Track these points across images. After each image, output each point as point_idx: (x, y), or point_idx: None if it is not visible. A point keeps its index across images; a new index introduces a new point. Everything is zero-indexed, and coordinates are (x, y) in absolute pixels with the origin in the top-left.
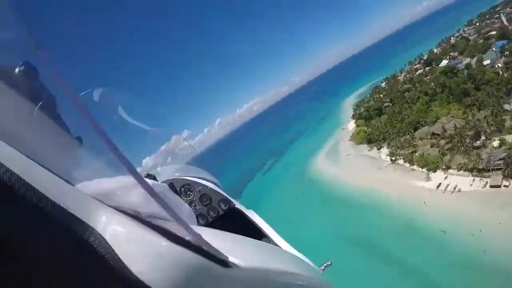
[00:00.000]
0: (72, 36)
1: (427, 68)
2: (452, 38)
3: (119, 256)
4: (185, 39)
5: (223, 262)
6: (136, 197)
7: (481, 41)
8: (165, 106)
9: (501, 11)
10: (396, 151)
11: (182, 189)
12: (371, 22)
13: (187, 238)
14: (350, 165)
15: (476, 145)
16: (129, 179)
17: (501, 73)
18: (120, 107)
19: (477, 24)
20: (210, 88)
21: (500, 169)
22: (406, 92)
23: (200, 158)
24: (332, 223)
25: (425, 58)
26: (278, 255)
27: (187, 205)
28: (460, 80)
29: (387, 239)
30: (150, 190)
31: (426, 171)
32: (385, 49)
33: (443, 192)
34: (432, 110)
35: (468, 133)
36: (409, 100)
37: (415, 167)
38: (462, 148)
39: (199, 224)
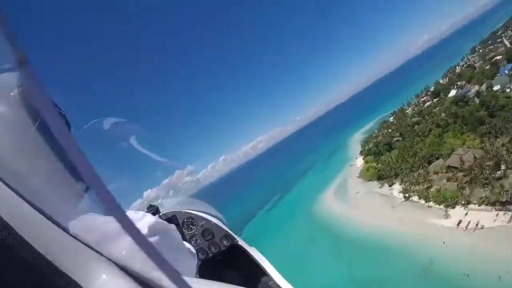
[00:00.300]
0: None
1: (435, 100)
2: (457, 67)
3: None
4: (192, 73)
5: None
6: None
7: (487, 67)
8: (168, 140)
9: (502, 35)
10: (410, 187)
11: (185, 222)
12: (374, 59)
13: None
14: (360, 203)
15: (497, 176)
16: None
17: None
18: (126, 136)
19: (480, 50)
20: (215, 124)
21: None
22: (416, 125)
23: (204, 192)
24: (343, 266)
25: (432, 89)
26: None
27: (187, 244)
28: (473, 108)
29: (404, 283)
30: (143, 243)
31: (444, 208)
32: (390, 84)
33: (465, 230)
34: (445, 142)
35: (488, 163)
36: (420, 133)
37: (431, 203)
38: (482, 180)
39: (198, 258)
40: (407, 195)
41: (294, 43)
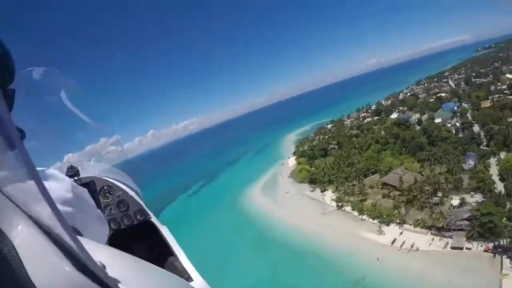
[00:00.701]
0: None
1: (375, 118)
2: (401, 94)
3: (27, 269)
4: (137, 40)
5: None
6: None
7: (431, 100)
8: (98, 105)
9: (449, 76)
10: (344, 196)
11: (102, 189)
12: (321, 67)
13: (86, 263)
14: (289, 203)
15: (433, 201)
16: (48, 185)
17: (454, 132)
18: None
19: (425, 84)
20: (149, 97)
21: (461, 229)
22: (355, 138)
23: (127, 165)
24: (267, 269)
25: (373, 108)
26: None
27: (99, 212)
28: (414, 133)
29: None
30: (56, 211)
31: (378, 224)
32: (331, 94)
33: (399, 250)
34: (383, 159)
35: (426, 188)
36: (358, 146)
37: (365, 217)
38: (419, 203)
39: (110, 228)
40: (339, 204)
41: (244, 32)
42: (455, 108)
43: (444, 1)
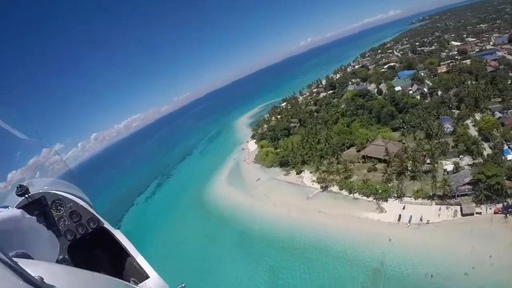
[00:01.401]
0: None
1: (330, 92)
2: (349, 67)
3: None
4: (69, 40)
5: None
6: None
7: (383, 70)
8: (35, 115)
9: (393, 47)
10: (326, 176)
11: (53, 204)
12: (258, 52)
13: (37, 277)
14: (264, 192)
15: (423, 169)
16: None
17: (420, 98)
18: None
19: (370, 56)
20: (87, 100)
21: (465, 194)
22: (316, 113)
23: (73, 174)
24: (269, 278)
25: (323, 82)
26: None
27: (49, 233)
28: (383, 102)
29: None
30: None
31: (375, 201)
32: (271, 76)
33: (408, 226)
34: (355, 132)
35: (417, 156)
36: (323, 121)
37: (356, 195)
38: (410, 174)
39: (67, 240)
40: (323, 184)
41: (177, 23)
42: (411, 75)
43: None
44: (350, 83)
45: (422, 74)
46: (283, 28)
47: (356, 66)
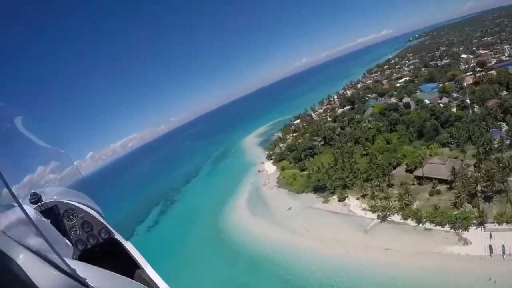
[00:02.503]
0: None
1: (347, 107)
2: (359, 83)
3: (31, 278)
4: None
5: (86, 285)
6: (26, 234)
7: (399, 84)
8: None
9: (401, 62)
10: (380, 202)
11: (66, 213)
12: (255, 72)
13: (65, 268)
14: (302, 224)
15: (495, 189)
16: (17, 216)
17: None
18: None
19: (378, 73)
20: (84, 118)
21: None
22: (340, 130)
23: (86, 183)
24: None
25: (335, 99)
26: None
27: (64, 239)
28: (424, 116)
29: None
30: (39, 231)
31: (453, 230)
32: (271, 95)
33: (504, 258)
34: (398, 149)
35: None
36: (351, 138)
37: (427, 225)
38: (481, 194)
39: (77, 249)
40: (380, 213)
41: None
42: (436, 88)
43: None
44: (367, 98)
45: (449, 85)
46: (277, 50)
47: (368, 81)
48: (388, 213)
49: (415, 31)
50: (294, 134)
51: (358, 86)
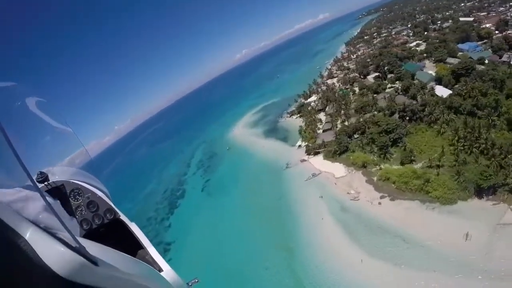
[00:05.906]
0: None
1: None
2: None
3: (38, 254)
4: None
5: (95, 262)
6: (35, 210)
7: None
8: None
9: (390, 30)
10: None
11: (72, 192)
12: (190, 68)
13: (74, 245)
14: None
15: None
16: (26, 193)
17: None
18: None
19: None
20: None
21: None
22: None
23: (93, 164)
24: None
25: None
26: (143, 269)
27: (71, 220)
28: None
29: None
30: (51, 207)
31: None
32: (235, 82)
33: None
34: None
35: None
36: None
37: None
38: None
39: (82, 229)
40: None
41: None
42: (477, 47)
43: None
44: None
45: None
46: (215, 44)
47: (367, 51)
48: None
49: (352, 12)
50: (324, 117)
51: (353, 57)
